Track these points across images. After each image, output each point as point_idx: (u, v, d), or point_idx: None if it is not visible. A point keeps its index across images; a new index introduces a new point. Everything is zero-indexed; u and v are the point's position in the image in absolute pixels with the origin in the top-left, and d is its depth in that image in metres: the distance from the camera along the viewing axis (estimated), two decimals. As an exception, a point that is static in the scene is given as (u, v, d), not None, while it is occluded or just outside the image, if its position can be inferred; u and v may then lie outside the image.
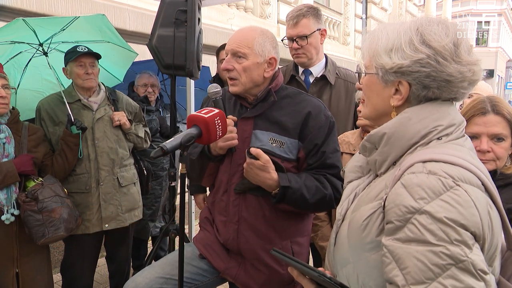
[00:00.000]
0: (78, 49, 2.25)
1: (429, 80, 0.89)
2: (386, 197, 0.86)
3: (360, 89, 1.09)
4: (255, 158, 1.43)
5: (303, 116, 1.52)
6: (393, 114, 0.96)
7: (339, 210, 1.05)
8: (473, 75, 0.89)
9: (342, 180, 1.52)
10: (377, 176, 1.02)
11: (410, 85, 0.91)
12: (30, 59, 2.52)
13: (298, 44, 2.16)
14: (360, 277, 0.92)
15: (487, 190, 0.84)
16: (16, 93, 2.55)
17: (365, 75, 1.00)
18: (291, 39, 2.18)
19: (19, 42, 2.39)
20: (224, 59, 1.58)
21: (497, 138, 1.35)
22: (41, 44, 2.40)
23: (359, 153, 1.12)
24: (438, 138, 0.90)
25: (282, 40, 2.27)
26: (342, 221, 1.02)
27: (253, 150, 1.44)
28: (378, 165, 0.97)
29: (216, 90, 1.52)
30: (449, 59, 0.88)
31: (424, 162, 0.84)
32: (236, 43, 1.51)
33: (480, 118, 1.37)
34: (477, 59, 0.90)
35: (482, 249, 0.79)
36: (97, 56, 2.32)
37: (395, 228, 0.82)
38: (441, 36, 0.88)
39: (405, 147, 0.91)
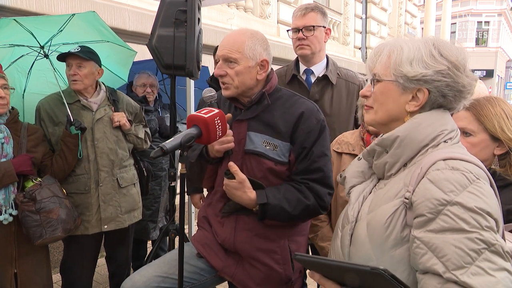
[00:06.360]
0: (71, 50, 2.22)
1: (448, 89, 1.00)
2: (412, 194, 0.95)
3: (365, 96, 1.12)
4: (232, 177, 1.45)
5: (295, 119, 1.52)
6: (407, 118, 1.05)
7: (351, 212, 1.11)
8: (473, 89, 1.04)
9: (327, 185, 1.55)
10: (379, 179, 1.11)
11: (429, 92, 1.01)
12: (33, 63, 2.49)
13: (303, 35, 2.18)
14: None
15: (491, 185, 0.95)
16: (23, 97, 2.54)
17: (379, 82, 1.06)
18: (297, 30, 2.20)
19: (18, 45, 2.36)
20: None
21: (463, 132, 1.39)
22: (42, 47, 2.37)
23: (358, 159, 1.22)
24: (444, 141, 1.01)
25: (288, 31, 2.31)
26: (355, 222, 1.09)
27: (231, 165, 1.45)
28: (389, 167, 1.06)
29: (211, 94, 1.54)
30: (462, 72, 1.00)
31: (445, 160, 0.94)
32: (227, 48, 1.50)
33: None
34: (476, 77, 1.06)
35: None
36: (88, 58, 2.24)
37: (427, 220, 0.90)
38: (454, 52, 1.00)
39: (416, 149, 1.02)
